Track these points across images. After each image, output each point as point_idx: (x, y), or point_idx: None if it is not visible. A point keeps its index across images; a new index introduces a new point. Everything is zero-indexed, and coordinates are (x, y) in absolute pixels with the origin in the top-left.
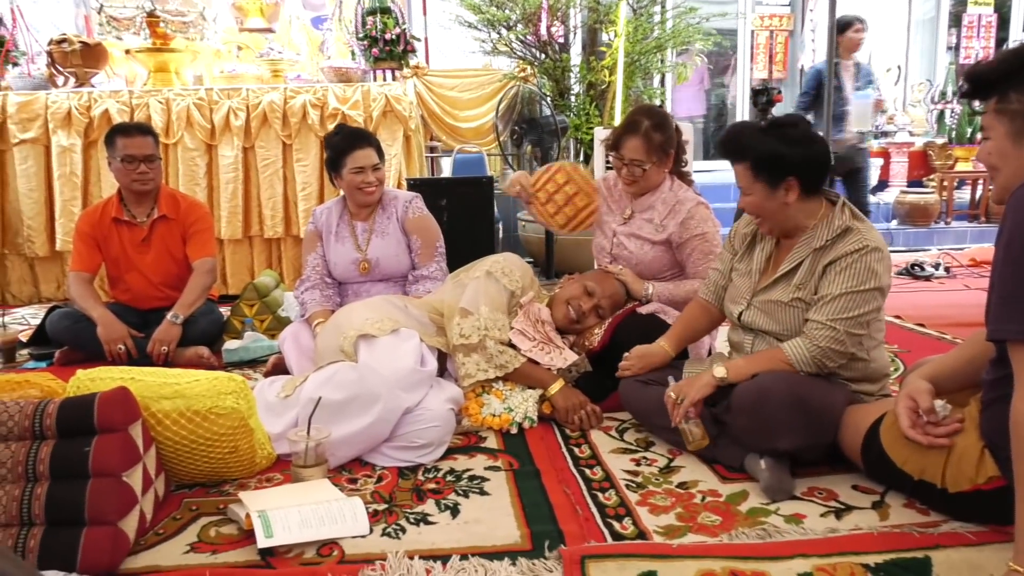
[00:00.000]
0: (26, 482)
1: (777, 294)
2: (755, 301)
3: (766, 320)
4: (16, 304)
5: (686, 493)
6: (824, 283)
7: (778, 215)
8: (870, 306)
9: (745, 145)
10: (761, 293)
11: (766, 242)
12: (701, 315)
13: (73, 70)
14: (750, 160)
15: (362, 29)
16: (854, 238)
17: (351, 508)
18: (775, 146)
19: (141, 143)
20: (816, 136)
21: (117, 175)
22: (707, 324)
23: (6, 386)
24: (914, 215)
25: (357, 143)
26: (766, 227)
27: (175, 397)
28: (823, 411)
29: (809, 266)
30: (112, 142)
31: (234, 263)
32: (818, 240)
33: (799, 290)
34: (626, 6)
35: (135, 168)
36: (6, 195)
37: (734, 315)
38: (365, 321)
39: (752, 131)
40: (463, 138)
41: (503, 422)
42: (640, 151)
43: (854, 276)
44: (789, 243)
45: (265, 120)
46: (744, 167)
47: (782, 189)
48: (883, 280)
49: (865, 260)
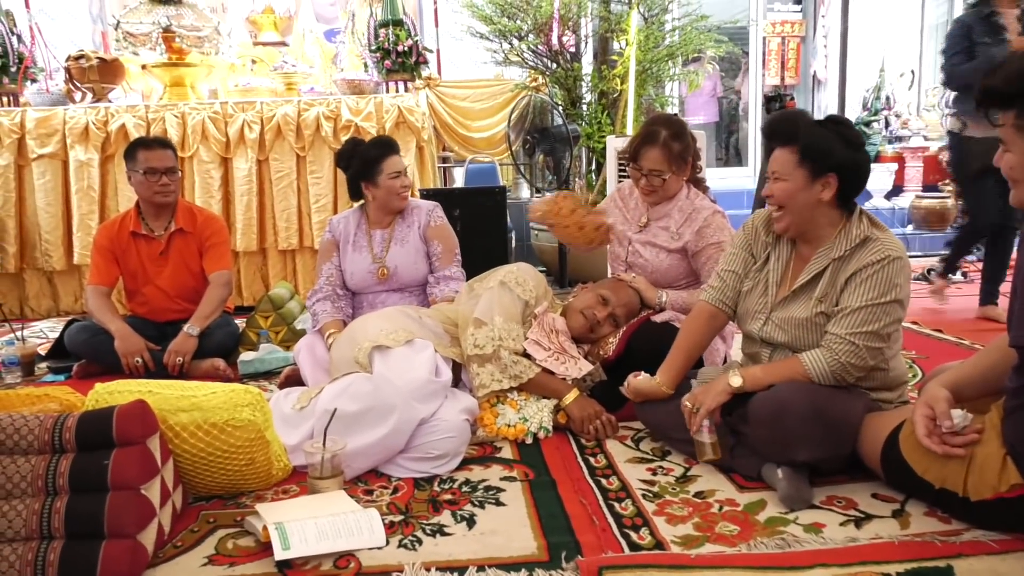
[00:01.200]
0: (46, 496)
1: (797, 310)
2: (774, 317)
3: (784, 335)
4: (35, 318)
5: (703, 502)
6: (845, 295)
7: (805, 211)
8: (890, 318)
9: (799, 129)
10: (780, 308)
11: (781, 253)
12: (705, 327)
13: (90, 85)
14: (800, 144)
15: (375, 41)
16: (875, 247)
17: (367, 520)
18: (829, 138)
19: (162, 155)
20: (864, 145)
21: (138, 188)
22: (710, 335)
23: (26, 400)
24: (930, 220)
25: (391, 150)
26: (785, 222)
27: (192, 410)
28: (842, 423)
29: (830, 277)
30: (133, 156)
31: (249, 275)
32: (837, 250)
33: (820, 303)
34: (637, 14)
35: (157, 180)
36: (24, 210)
37: (753, 332)
38: (379, 332)
39: (807, 119)
40: (475, 148)
41: (518, 432)
42: (660, 162)
43: (875, 287)
44: (806, 254)
45: (279, 133)
46: (790, 151)
47: (820, 184)
48: (904, 291)
49: (887, 271)
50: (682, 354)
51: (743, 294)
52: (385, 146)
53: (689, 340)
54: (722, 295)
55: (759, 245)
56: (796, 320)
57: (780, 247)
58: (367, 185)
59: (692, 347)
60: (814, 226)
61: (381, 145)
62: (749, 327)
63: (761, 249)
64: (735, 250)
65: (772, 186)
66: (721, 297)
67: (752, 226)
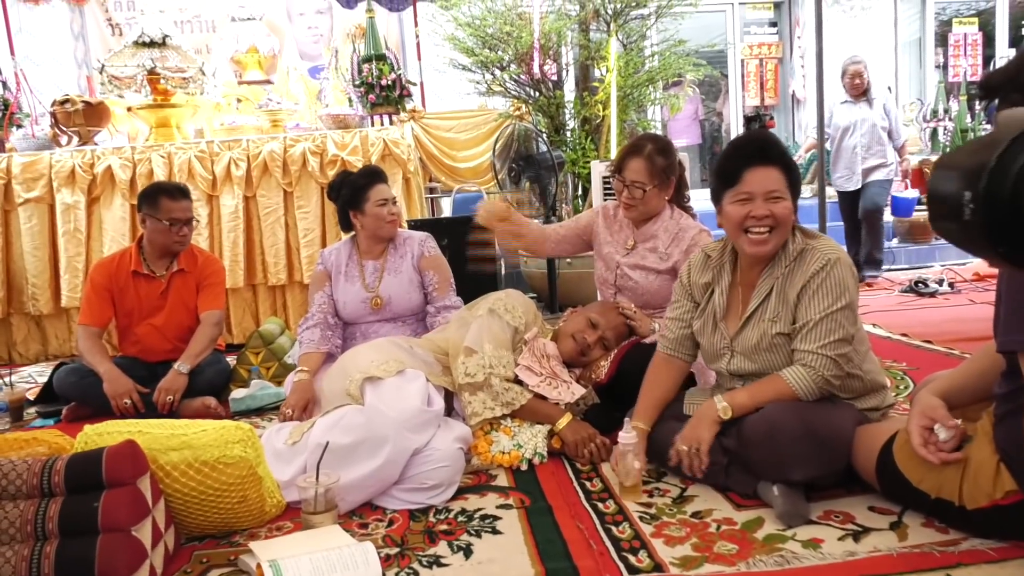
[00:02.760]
0: (35, 541)
1: (754, 335)
2: (736, 348)
3: (752, 364)
4: (23, 363)
5: (701, 522)
6: (801, 309)
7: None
8: (850, 320)
9: (784, 151)
10: (738, 339)
11: (723, 285)
12: (664, 374)
13: (76, 129)
14: (788, 167)
15: (358, 76)
16: (814, 256)
17: (363, 553)
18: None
19: (186, 207)
20: None
21: (154, 234)
22: (674, 380)
23: (14, 444)
24: (914, 233)
25: (377, 179)
26: (774, 243)
27: (183, 448)
28: (834, 440)
29: (777, 296)
30: (156, 204)
31: (238, 312)
32: (779, 268)
33: (774, 324)
34: (616, 41)
35: (178, 231)
36: (11, 255)
37: (721, 369)
38: (370, 363)
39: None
40: (462, 178)
41: (513, 459)
42: (642, 173)
43: (828, 294)
44: (750, 279)
45: (266, 169)
46: (780, 172)
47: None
48: (853, 290)
49: (833, 275)
50: (651, 400)
51: (698, 335)
52: (372, 175)
53: (654, 388)
54: (675, 344)
55: (697, 290)
56: (756, 345)
57: (721, 279)
58: (355, 213)
59: (660, 392)
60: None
61: (368, 174)
62: (716, 366)
63: (700, 292)
64: (676, 298)
65: (772, 206)
66: (674, 346)
67: (688, 272)
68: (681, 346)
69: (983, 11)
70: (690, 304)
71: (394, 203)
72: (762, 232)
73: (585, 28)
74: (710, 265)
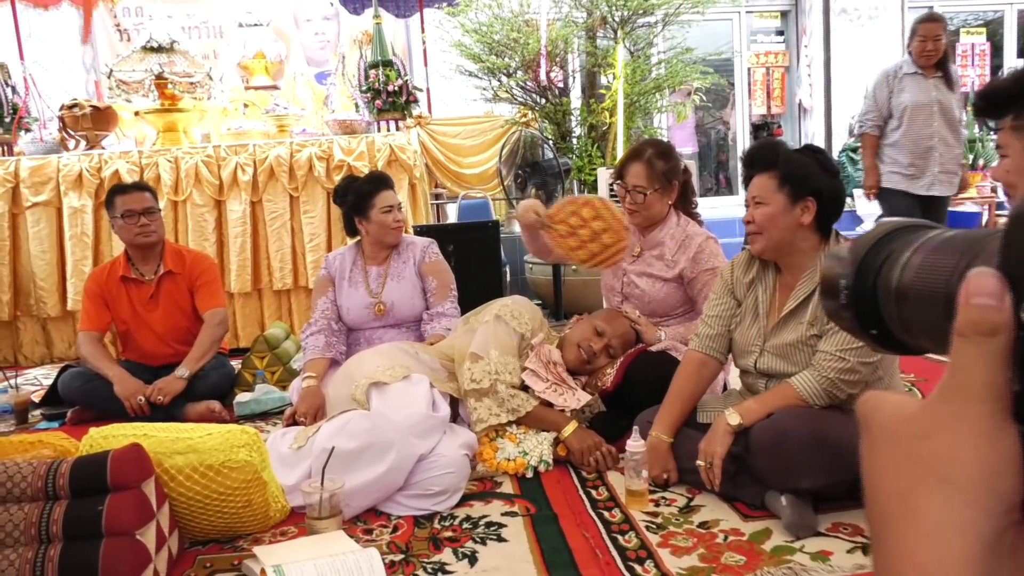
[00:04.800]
0: (39, 544)
1: (789, 336)
2: (768, 347)
3: (783, 363)
4: (28, 365)
5: (708, 533)
6: None
7: (785, 234)
8: None
9: (779, 156)
10: (772, 337)
11: (767, 284)
12: (695, 375)
13: (84, 133)
14: (780, 170)
15: (365, 82)
16: None
17: (367, 559)
18: (807, 164)
19: (138, 197)
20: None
21: (120, 233)
22: (702, 383)
23: (19, 447)
24: None
25: (383, 185)
26: (761, 244)
27: (188, 452)
28: (844, 447)
29: (817, 300)
30: (112, 202)
31: (244, 316)
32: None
33: (811, 327)
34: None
35: (136, 222)
36: (18, 258)
37: (750, 365)
38: (376, 368)
39: (786, 147)
40: (467, 184)
41: (518, 466)
42: (642, 177)
43: None
44: (789, 281)
45: (272, 174)
46: (770, 176)
47: (800, 207)
48: None
49: None
50: (676, 403)
51: (734, 329)
52: (378, 181)
53: (682, 389)
54: (709, 341)
55: (740, 288)
56: (790, 345)
57: (765, 279)
58: (360, 220)
59: (685, 397)
60: (793, 250)
61: (374, 180)
62: (745, 361)
63: (744, 290)
64: (717, 296)
65: (753, 211)
66: (708, 344)
67: (731, 270)
68: (717, 343)
69: (991, 21)
70: (732, 301)
71: (399, 209)
72: (752, 233)
73: (592, 35)
74: (755, 263)
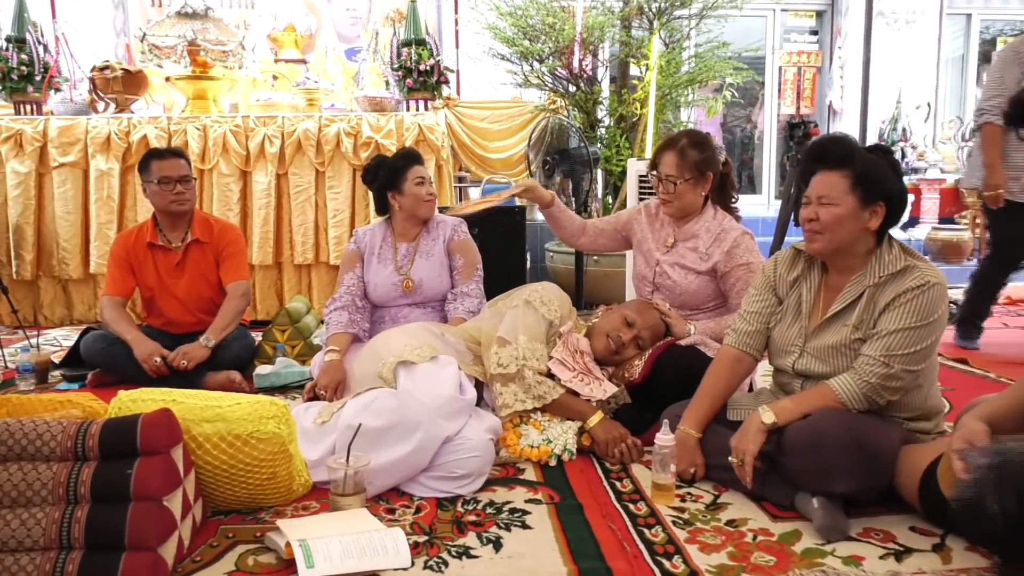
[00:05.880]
0: (67, 504)
1: (831, 338)
2: (808, 347)
3: (822, 365)
4: (48, 326)
5: (736, 531)
6: (884, 318)
7: (848, 237)
8: (926, 342)
9: (854, 154)
10: (814, 338)
11: (811, 282)
12: (729, 371)
13: (114, 96)
14: (855, 170)
15: (397, 60)
16: (916, 274)
17: (392, 539)
18: (882, 166)
19: (175, 164)
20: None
21: (153, 198)
22: (736, 380)
23: (48, 405)
24: (946, 252)
25: (415, 159)
26: (821, 244)
27: (216, 420)
28: (881, 453)
29: (867, 303)
30: (147, 166)
31: (264, 289)
32: (872, 277)
33: (856, 330)
34: (658, 40)
35: (172, 189)
36: (43, 218)
37: (787, 365)
38: (404, 347)
39: (858, 145)
40: (492, 169)
41: (542, 454)
42: (674, 166)
43: (915, 312)
44: (836, 282)
45: (299, 148)
46: (843, 175)
47: (869, 211)
48: (943, 318)
49: (927, 296)
50: (707, 399)
51: (773, 327)
52: (409, 156)
53: (714, 386)
54: (747, 338)
55: (783, 285)
56: (831, 348)
57: (811, 278)
58: (393, 194)
59: (717, 393)
60: (849, 253)
61: (406, 156)
62: (782, 361)
63: (787, 288)
64: (758, 291)
65: (819, 209)
66: (746, 340)
67: (774, 267)
68: (754, 340)
69: None
70: (773, 298)
71: (431, 183)
72: (812, 232)
73: (627, 25)
74: (800, 261)
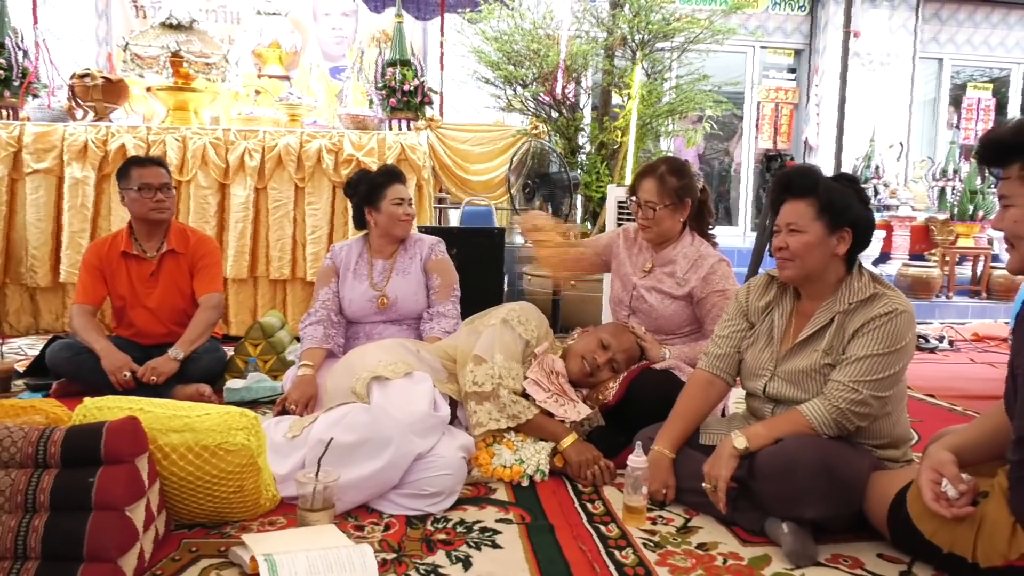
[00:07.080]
0: (24, 512)
1: (802, 362)
2: (779, 371)
3: (793, 389)
4: (13, 334)
5: (706, 555)
6: (852, 345)
7: (817, 263)
8: (894, 368)
9: (819, 183)
10: (785, 362)
11: (783, 308)
12: (701, 395)
13: (93, 104)
14: (820, 198)
15: (381, 79)
16: (884, 301)
17: (360, 555)
18: (847, 193)
19: (156, 172)
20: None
21: (132, 206)
22: (708, 403)
23: (10, 411)
24: (916, 288)
25: (396, 178)
26: (792, 271)
27: (184, 430)
28: (851, 480)
29: (836, 330)
30: (127, 174)
31: (238, 303)
32: (841, 303)
33: (826, 355)
34: (641, 70)
35: (152, 196)
36: (13, 224)
37: (758, 389)
38: (378, 363)
39: (822, 174)
40: (472, 191)
41: (514, 474)
42: (653, 192)
43: (883, 339)
44: (808, 308)
45: (280, 162)
46: (808, 203)
47: (836, 237)
48: (910, 345)
49: (895, 323)
50: (680, 422)
51: (745, 351)
52: (390, 174)
53: (687, 408)
54: (718, 361)
55: (754, 312)
56: (802, 372)
57: (783, 304)
58: (370, 210)
59: (690, 416)
60: (820, 280)
61: (387, 173)
62: (754, 384)
63: (758, 315)
64: (730, 317)
65: (787, 238)
66: (717, 363)
67: (747, 293)
68: (725, 364)
69: (997, 78)
70: (744, 323)
71: (410, 204)
72: (783, 259)
73: (611, 54)
74: (772, 287)
